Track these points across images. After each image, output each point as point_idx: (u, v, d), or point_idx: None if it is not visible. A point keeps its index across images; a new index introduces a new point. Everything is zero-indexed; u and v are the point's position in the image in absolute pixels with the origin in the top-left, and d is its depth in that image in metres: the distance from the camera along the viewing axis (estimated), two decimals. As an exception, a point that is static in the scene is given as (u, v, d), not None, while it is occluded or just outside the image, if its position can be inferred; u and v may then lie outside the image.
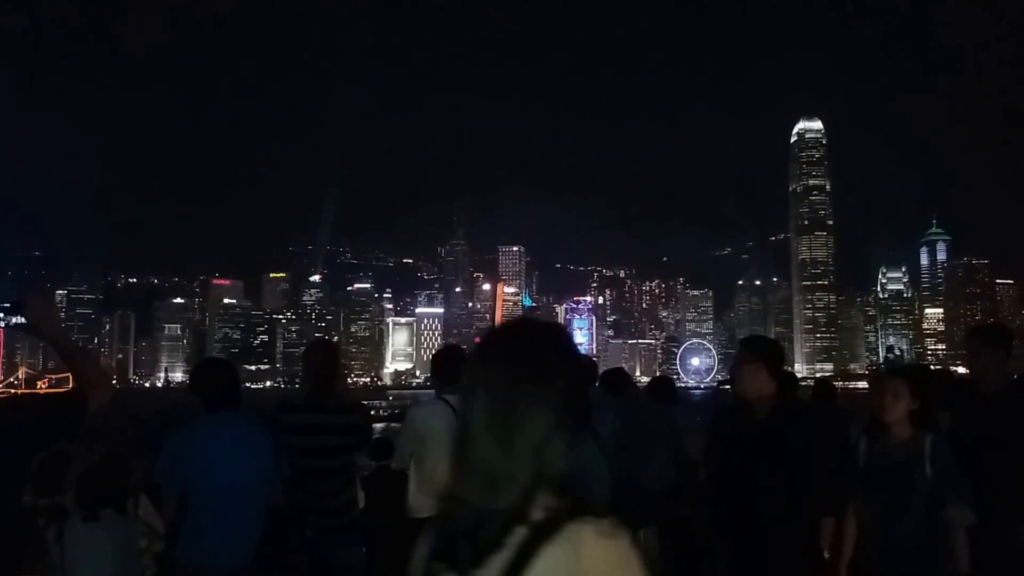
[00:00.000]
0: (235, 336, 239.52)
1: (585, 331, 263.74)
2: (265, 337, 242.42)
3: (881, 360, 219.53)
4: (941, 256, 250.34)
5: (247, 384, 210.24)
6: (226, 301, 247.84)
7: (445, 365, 5.31)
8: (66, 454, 4.99)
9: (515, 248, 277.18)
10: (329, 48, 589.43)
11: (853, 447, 4.23)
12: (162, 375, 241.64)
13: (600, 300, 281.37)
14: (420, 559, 1.48)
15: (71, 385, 2.73)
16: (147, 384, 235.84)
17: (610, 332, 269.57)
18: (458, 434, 1.44)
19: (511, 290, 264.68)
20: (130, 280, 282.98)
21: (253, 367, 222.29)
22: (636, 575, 1.35)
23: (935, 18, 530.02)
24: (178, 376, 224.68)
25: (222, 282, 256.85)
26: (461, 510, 1.40)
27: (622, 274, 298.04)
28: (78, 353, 2.81)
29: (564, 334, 1.50)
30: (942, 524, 3.76)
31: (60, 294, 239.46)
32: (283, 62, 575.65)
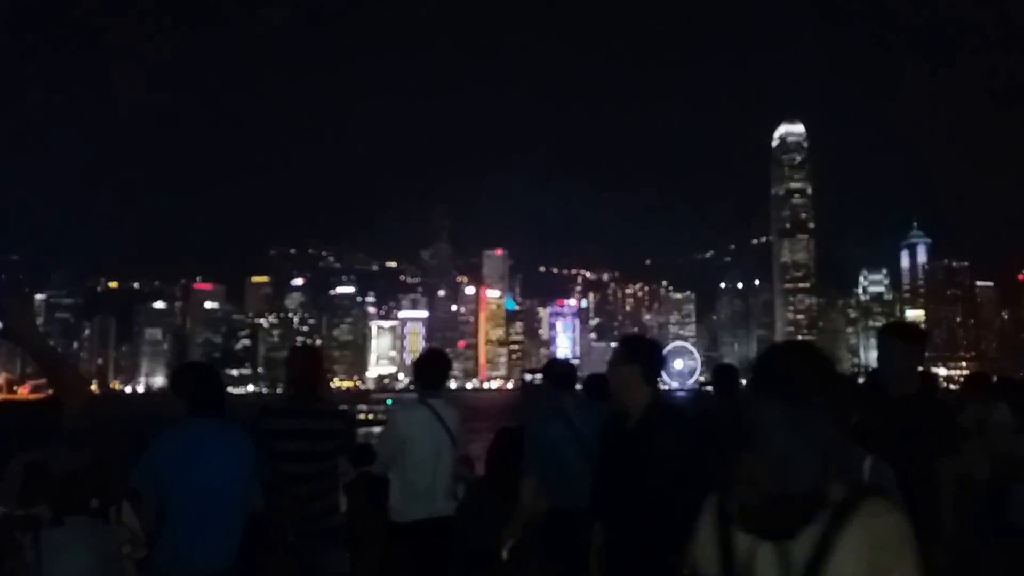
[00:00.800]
0: (217, 341, 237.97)
1: (569, 334, 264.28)
2: (247, 341, 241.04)
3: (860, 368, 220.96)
4: (922, 259, 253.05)
5: (229, 389, 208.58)
6: (208, 305, 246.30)
7: (428, 369, 5.30)
8: (43, 464, 4.90)
9: (499, 252, 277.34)
10: (310, 50, 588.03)
11: None
12: (143, 380, 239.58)
13: (584, 303, 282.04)
14: (711, 526, 1.89)
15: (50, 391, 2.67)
16: (128, 390, 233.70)
17: (593, 335, 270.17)
18: (749, 429, 1.82)
19: (495, 293, 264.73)
20: (110, 285, 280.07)
21: (235, 372, 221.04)
22: (913, 542, 1.71)
23: (916, 22, 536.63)
24: (159, 381, 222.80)
25: (203, 286, 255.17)
26: (754, 493, 1.77)
27: (605, 277, 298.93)
28: (56, 360, 2.75)
29: (832, 360, 1.88)
30: None
31: (39, 299, 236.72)
32: (263, 64, 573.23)
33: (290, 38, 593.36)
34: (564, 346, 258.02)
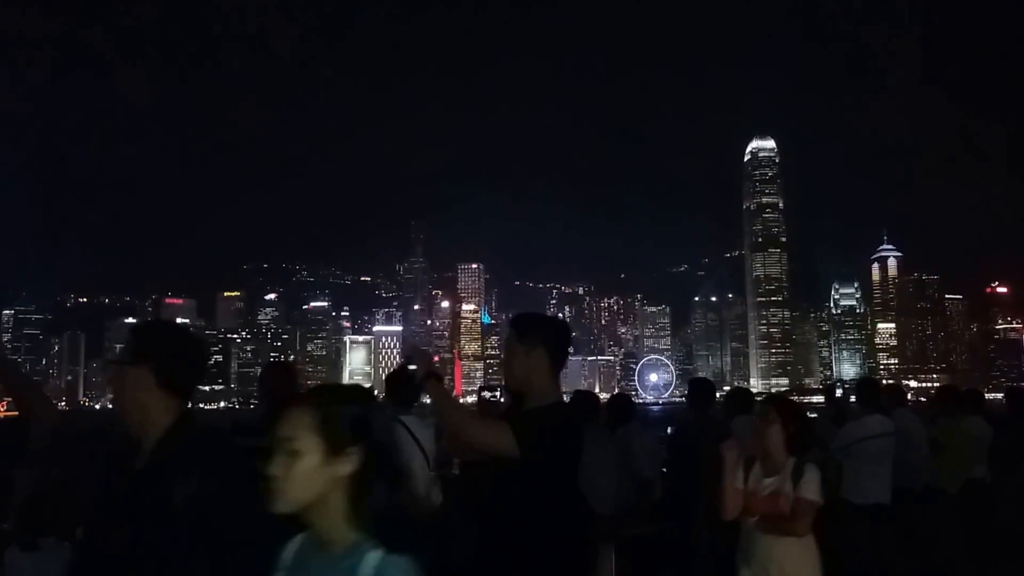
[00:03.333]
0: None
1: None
2: (219, 357, 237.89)
3: (835, 380, 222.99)
4: (892, 272, 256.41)
5: (200, 405, 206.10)
6: (179, 320, 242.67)
7: (400, 386, 5.20)
8: (9, 481, 4.77)
9: (474, 266, 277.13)
10: (284, 66, 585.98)
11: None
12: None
13: (560, 317, 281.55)
14: None
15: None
16: (97, 406, 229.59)
17: (569, 349, 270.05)
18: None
19: (470, 308, 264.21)
20: (80, 299, 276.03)
21: (207, 387, 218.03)
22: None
23: (885, 39, 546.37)
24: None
25: (175, 301, 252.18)
26: None
27: (581, 291, 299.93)
28: (20, 380, 2.72)
29: None
30: None
31: (7, 314, 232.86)
32: (238, 80, 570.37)
33: (263, 57, 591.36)
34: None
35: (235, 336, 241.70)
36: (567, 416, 3.31)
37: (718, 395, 7.37)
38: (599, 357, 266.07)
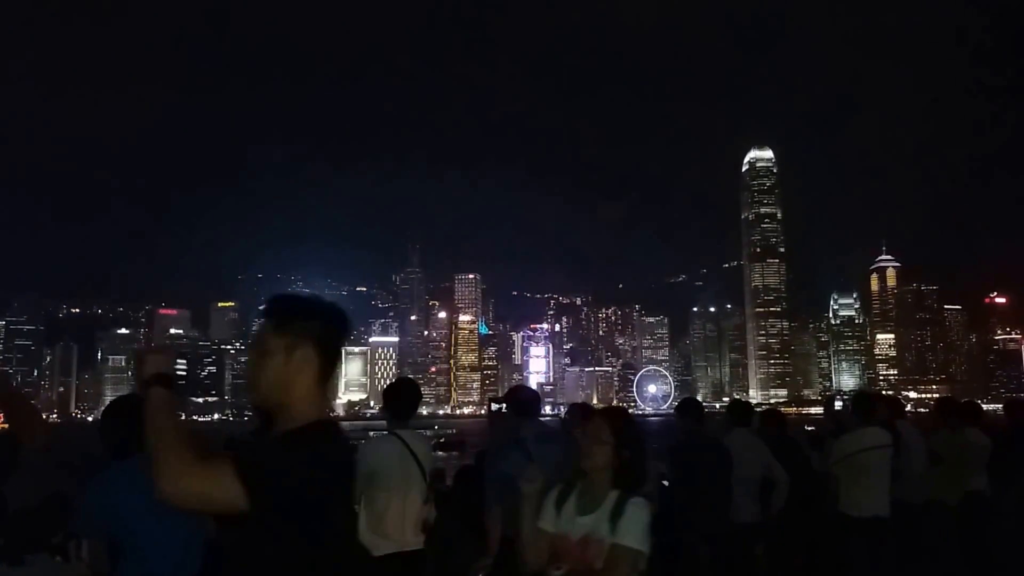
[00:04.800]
0: (182, 368, 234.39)
1: (542, 359, 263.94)
2: (213, 368, 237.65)
3: (834, 392, 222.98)
4: (891, 282, 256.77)
5: (194, 417, 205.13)
6: (172, 331, 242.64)
7: (397, 399, 5.16)
8: (1, 496, 4.70)
9: (471, 276, 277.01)
10: (278, 71, 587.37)
11: None
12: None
13: (557, 327, 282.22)
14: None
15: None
16: (90, 418, 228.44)
17: (567, 360, 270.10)
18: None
19: (467, 318, 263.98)
20: (72, 310, 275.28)
21: (200, 399, 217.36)
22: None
23: (884, 49, 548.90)
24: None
25: (168, 312, 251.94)
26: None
27: (578, 301, 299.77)
28: (10, 394, 2.68)
29: None
30: None
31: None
32: (229, 84, 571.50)
33: (257, 67, 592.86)
34: (537, 371, 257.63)
35: (229, 347, 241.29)
36: (330, 441, 2.21)
37: (717, 406, 7.33)
38: (597, 368, 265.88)
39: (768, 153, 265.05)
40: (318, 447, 2.13)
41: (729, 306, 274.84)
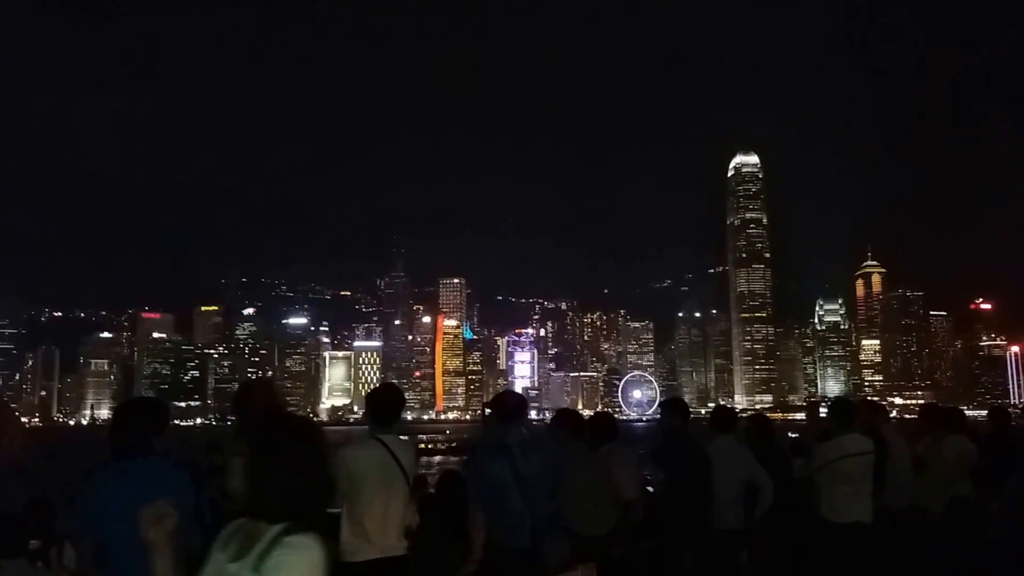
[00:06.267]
0: (165, 372, 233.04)
1: (527, 364, 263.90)
2: (196, 372, 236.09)
3: (819, 398, 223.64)
4: (877, 288, 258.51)
5: (176, 421, 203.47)
6: (155, 335, 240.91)
7: (380, 405, 5.12)
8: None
9: (456, 280, 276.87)
10: (262, 75, 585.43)
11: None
12: (88, 412, 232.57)
13: (542, 332, 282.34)
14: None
15: None
16: (72, 422, 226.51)
17: (552, 365, 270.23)
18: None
19: (452, 323, 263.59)
20: (54, 313, 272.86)
21: (183, 403, 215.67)
22: None
23: (869, 53, 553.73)
24: (105, 414, 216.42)
25: (151, 315, 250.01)
26: None
27: (564, 306, 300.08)
28: None
29: None
30: None
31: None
32: (213, 88, 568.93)
33: (243, 71, 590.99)
34: (522, 376, 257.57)
35: (212, 351, 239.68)
36: None
37: (703, 412, 7.32)
38: (582, 373, 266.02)
39: (754, 158, 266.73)
40: None
41: (714, 311, 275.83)
